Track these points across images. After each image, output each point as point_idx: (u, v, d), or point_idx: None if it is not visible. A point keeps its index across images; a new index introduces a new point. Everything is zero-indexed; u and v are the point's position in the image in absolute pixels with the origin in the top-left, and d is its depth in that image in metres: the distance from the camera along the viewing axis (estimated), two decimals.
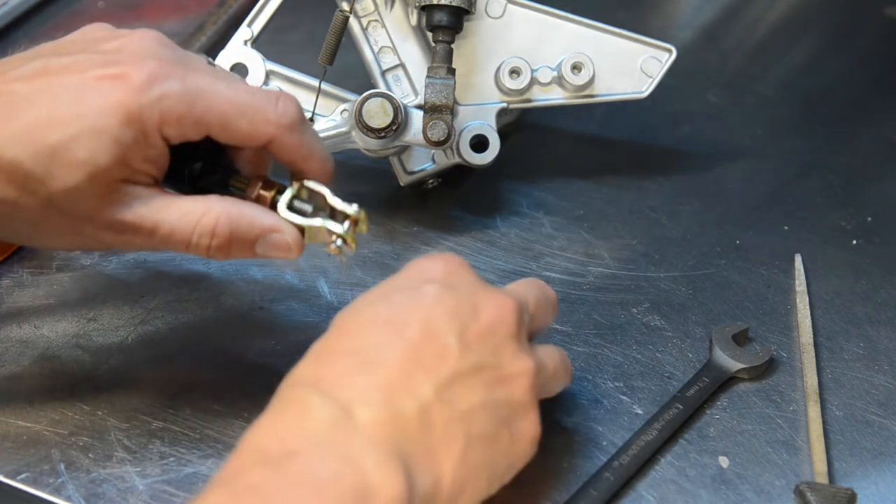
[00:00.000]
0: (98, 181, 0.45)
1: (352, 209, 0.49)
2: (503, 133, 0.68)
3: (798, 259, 0.69)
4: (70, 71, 0.46)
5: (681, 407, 0.56)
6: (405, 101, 0.65)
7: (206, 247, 0.48)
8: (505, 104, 0.68)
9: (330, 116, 0.65)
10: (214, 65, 0.53)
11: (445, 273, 0.47)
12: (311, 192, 0.50)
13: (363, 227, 0.50)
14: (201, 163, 0.50)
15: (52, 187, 0.45)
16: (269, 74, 0.66)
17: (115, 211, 0.46)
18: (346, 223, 0.49)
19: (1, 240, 0.49)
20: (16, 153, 0.44)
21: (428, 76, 0.62)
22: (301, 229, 0.49)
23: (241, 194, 0.50)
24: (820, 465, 0.54)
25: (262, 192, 0.50)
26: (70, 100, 0.45)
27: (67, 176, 0.44)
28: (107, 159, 0.45)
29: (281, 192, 0.50)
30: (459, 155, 0.67)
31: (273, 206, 0.49)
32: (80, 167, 0.44)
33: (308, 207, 0.50)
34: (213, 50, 0.73)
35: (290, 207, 0.49)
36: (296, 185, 0.50)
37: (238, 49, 0.66)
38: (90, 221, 0.47)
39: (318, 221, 0.49)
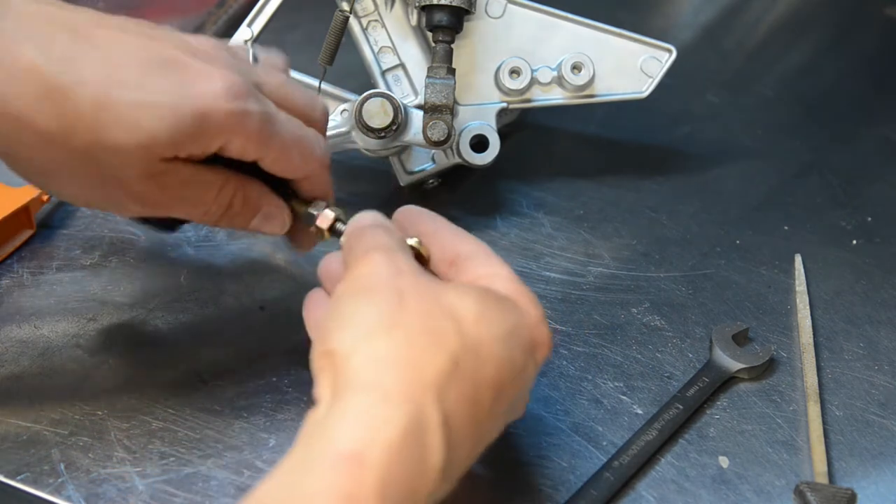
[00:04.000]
0: (143, 153, 0.44)
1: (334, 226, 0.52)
2: (503, 133, 0.68)
3: (798, 259, 0.69)
4: (154, 39, 0.45)
5: (681, 407, 0.56)
6: (405, 101, 0.65)
7: (216, 217, 0.50)
8: (505, 104, 0.68)
9: (330, 116, 0.65)
10: (257, 58, 0.54)
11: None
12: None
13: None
14: (289, 188, 0.53)
15: (99, 137, 0.43)
16: None
17: (148, 184, 0.46)
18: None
19: (26, 178, 0.47)
20: (78, 90, 0.42)
21: (428, 76, 0.62)
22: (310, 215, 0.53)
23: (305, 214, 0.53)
24: (820, 465, 0.54)
25: (327, 212, 0.52)
26: (150, 66, 0.44)
27: (119, 133, 0.43)
28: (165, 139, 0.44)
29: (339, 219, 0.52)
30: (459, 155, 0.67)
31: (332, 230, 0.52)
32: (136, 133, 0.43)
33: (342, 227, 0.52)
34: None
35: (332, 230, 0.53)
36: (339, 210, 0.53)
37: None
38: (119, 185, 0.46)
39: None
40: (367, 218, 0.49)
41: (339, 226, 0.52)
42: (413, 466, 0.38)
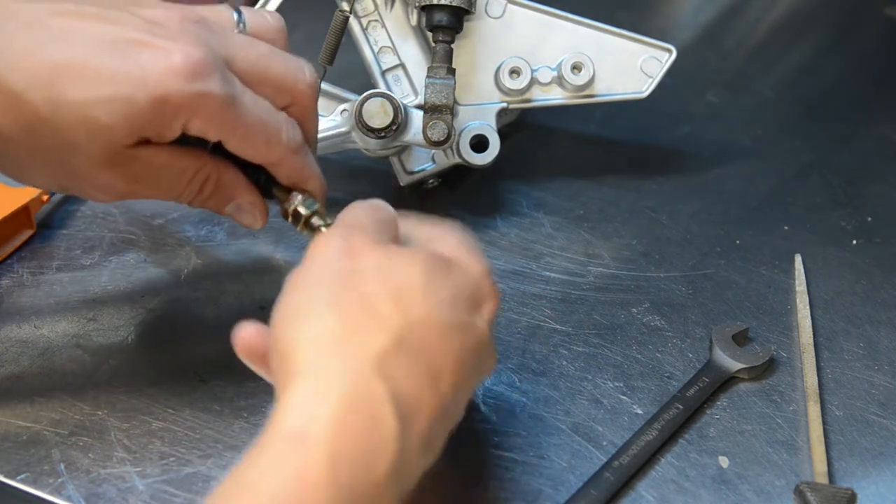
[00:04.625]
0: (105, 146, 0.44)
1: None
2: (503, 133, 0.68)
3: (798, 259, 0.69)
4: (112, 22, 0.44)
5: (681, 407, 0.56)
6: (405, 101, 0.65)
7: (189, 200, 0.50)
8: (505, 104, 0.68)
9: (330, 116, 0.65)
10: (245, 24, 0.51)
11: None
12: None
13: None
14: (265, 175, 0.51)
15: (59, 136, 0.43)
16: None
17: (116, 175, 0.45)
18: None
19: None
20: (32, 94, 0.42)
21: (428, 76, 0.62)
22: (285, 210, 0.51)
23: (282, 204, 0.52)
24: (820, 465, 0.54)
25: (300, 208, 0.51)
26: (106, 53, 0.43)
27: (78, 132, 0.43)
28: (124, 130, 0.43)
29: (315, 213, 0.51)
30: (459, 155, 0.67)
31: (307, 226, 0.51)
32: (95, 129, 0.43)
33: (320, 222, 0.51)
34: None
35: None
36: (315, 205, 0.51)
37: None
38: (88, 178, 0.45)
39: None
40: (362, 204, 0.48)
41: (314, 220, 0.50)
42: (363, 439, 0.38)
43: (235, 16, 0.50)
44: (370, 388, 0.39)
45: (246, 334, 0.45)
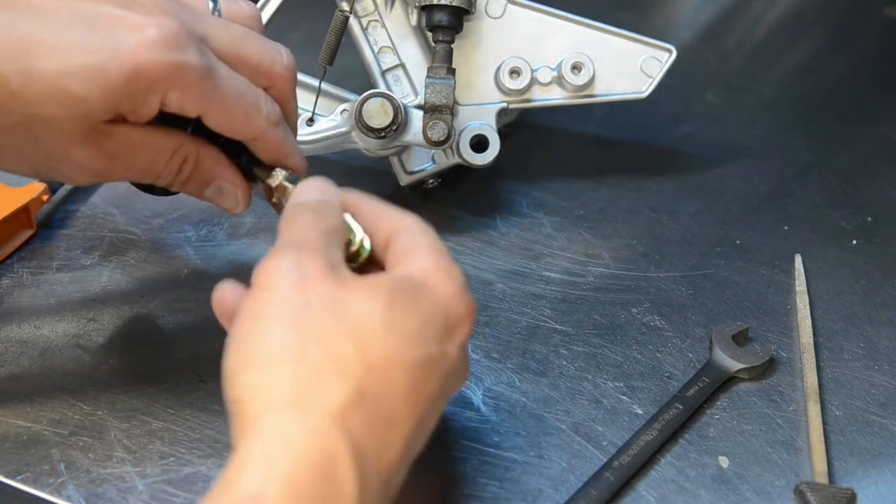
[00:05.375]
0: (80, 120, 0.43)
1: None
2: (503, 133, 0.68)
3: (798, 259, 0.69)
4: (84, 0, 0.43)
5: (681, 407, 0.56)
6: (405, 101, 0.65)
7: (169, 181, 0.49)
8: (505, 104, 0.68)
9: (330, 116, 0.65)
10: (220, 11, 0.50)
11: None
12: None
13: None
14: (246, 156, 0.50)
15: (32, 111, 0.42)
16: None
17: (92, 152, 0.45)
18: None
19: None
20: (2, 67, 0.41)
21: (428, 76, 0.62)
22: (269, 188, 0.50)
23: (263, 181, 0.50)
24: (820, 465, 0.54)
25: (285, 183, 0.50)
26: (78, 26, 0.42)
27: (51, 105, 0.42)
28: (99, 103, 0.42)
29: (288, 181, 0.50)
30: (459, 155, 0.67)
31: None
32: (68, 101, 0.42)
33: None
34: None
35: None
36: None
37: None
38: (63, 156, 0.45)
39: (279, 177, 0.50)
40: (309, 192, 0.46)
41: None
42: (320, 498, 0.36)
43: (210, 2, 0.50)
44: (328, 445, 0.37)
45: (222, 295, 0.44)
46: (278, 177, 0.50)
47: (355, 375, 0.39)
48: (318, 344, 0.39)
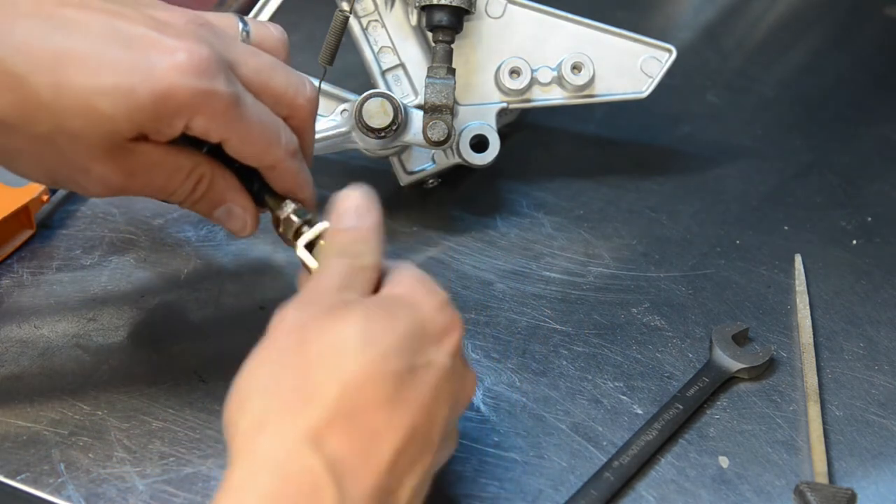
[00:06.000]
0: (104, 137, 0.44)
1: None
2: (503, 133, 0.68)
3: (798, 259, 0.69)
4: (119, 17, 0.44)
5: (681, 407, 0.56)
6: (405, 101, 0.65)
7: (181, 199, 0.49)
8: (505, 104, 0.68)
9: (330, 116, 0.65)
10: (249, 34, 0.51)
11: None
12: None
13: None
14: (258, 182, 0.51)
15: (59, 123, 0.43)
16: None
17: (112, 167, 0.45)
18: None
19: None
20: (35, 78, 0.42)
21: (428, 76, 0.62)
22: (277, 219, 0.50)
23: (273, 211, 0.51)
24: (820, 465, 0.54)
25: (292, 216, 0.50)
26: (111, 45, 0.42)
27: (78, 119, 0.42)
28: (125, 123, 0.43)
29: (306, 222, 0.50)
30: (459, 155, 0.67)
31: (297, 235, 0.49)
32: (95, 118, 0.42)
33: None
34: None
35: (308, 246, 0.49)
36: (321, 227, 0.49)
37: None
38: (83, 169, 0.45)
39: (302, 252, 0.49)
40: (349, 217, 0.47)
41: (304, 230, 0.49)
42: None
43: (240, 24, 0.50)
44: (303, 461, 0.38)
45: None
46: (287, 209, 0.50)
47: (328, 396, 0.40)
48: (296, 376, 0.40)
